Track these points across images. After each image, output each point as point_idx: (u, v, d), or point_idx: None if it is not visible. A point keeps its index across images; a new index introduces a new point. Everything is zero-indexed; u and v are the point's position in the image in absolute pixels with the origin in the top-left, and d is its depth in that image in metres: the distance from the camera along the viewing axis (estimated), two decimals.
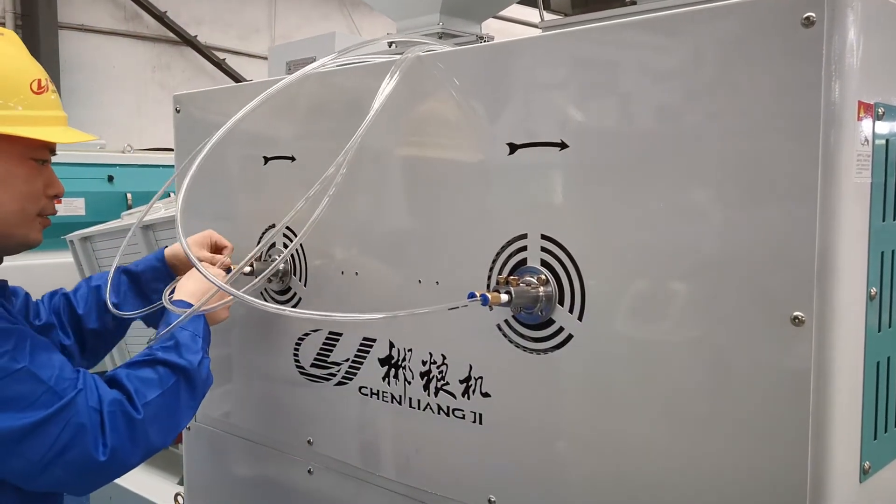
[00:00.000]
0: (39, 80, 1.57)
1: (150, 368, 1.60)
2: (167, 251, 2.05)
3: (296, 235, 1.97)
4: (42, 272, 4.47)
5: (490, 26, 2.35)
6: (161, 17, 10.27)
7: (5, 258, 1.66)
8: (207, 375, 1.70)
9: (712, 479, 1.30)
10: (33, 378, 1.43)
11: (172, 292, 1.81)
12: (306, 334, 1.98)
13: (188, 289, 1.80)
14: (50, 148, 1.62)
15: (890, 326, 1.31)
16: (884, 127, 1.24)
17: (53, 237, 4.33)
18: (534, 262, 1.50)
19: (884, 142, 1.25)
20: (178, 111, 2.32)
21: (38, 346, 1.49)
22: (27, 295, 1.90)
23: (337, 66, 1.79)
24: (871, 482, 1.29)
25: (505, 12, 2.60)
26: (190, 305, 1.74)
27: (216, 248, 2.05)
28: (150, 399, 1.55)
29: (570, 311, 1.45)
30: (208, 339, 1.76)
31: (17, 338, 1.45)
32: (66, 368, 1.50)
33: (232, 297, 1.64)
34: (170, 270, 2.03)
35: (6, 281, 1.70)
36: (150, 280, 2.02)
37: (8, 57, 1.57)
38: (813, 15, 1.14)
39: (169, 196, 4.11)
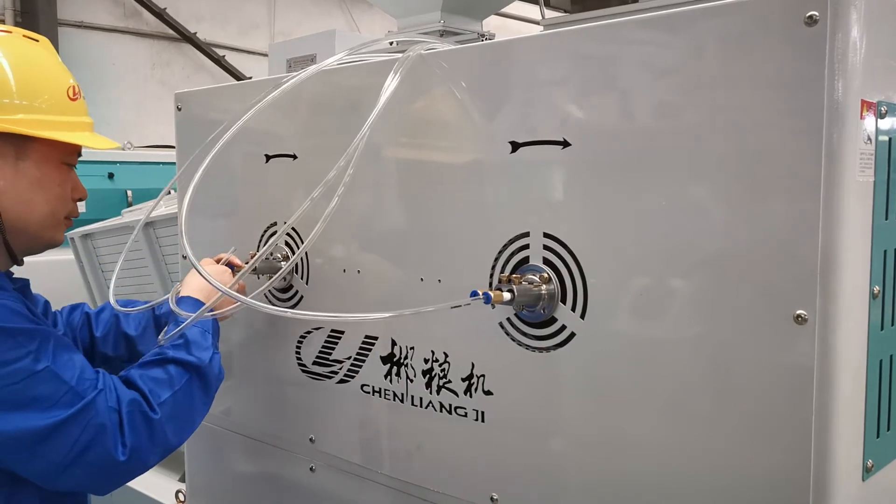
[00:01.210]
0: (74, 87, 1.64)
1: (162, 368, 1.61)
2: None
3: (297, 234, 1.98)
4: (42, 269, 4.46)
5: (490, 23, 2.35)
6: (160, 14, 10.26)
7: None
8: (219, 371, 1.71)
9: (715, 477, 1.30)
10: (56, 378, 1.45)
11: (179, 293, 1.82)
12: (308, 332, 1.98)
13: (194, 285, 1.81)
14: (78, 152, 1.67)
15: (893, 325, 1.31)
16: (886, 125, 1.24)
17: None
18: (536, 261, 1.50)
19: (886, 140, 1.25)
20: (179, 109, 2.32)
21: (60, 346, 1.50)
22: (47, 303, 1.92)
23: (344, 64, 1.79)
24: (873, 480, 1.29)
25: (505, 9, 2.60)
26: (196, 301, 1.74)
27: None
28: (165, 399, 1.56)
29: (573, 309, 1.45)
30: (217, 333, 1.77)
31: (40, 338, 1.46)
32: (87, 369, 1.51)
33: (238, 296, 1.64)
34: None
35: (28, 281, 1.71)
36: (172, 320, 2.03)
37: (48, 65, 1.63)
38: (816, 13, 1.14)
39: (169, 193, 4.11)
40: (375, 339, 1.81)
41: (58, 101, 1.59)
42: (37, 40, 1.65)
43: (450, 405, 1.67)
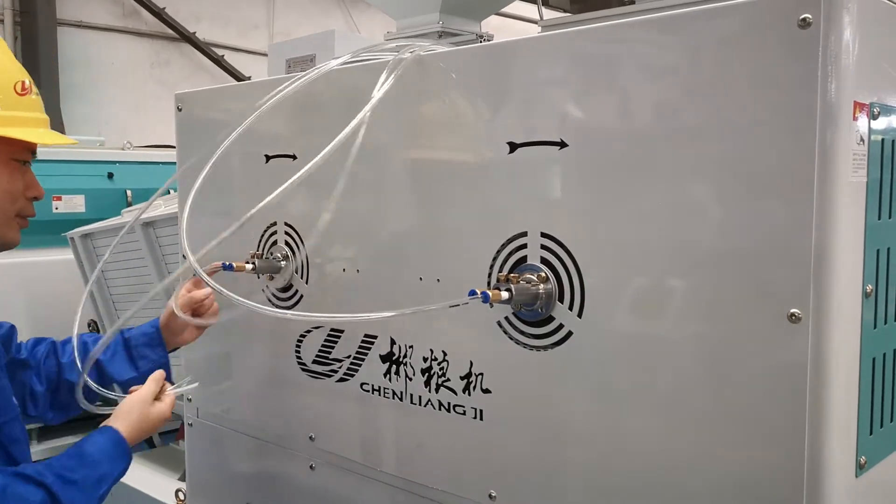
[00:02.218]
0: (23, 82, 1.60)
1: (30, 489, 1.48)
2: (161, 318, 1.99)
3: (297, 234, 1.99)
4: (43, 269, 4.48)
5: (489, 23, 2.36)
6: (159, 14, 10.24)
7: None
8: None
9: (710, 473, 1.32)
10: None
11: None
12: (308, 331, 1.99)
13: (128, 419, 1.67)
14: (31, 149, 1.64)
15: (885, 323, 1.33)
16: (879, 126, 1.25)
17: (54, 234, 4.33)
18: (534, 260, 1.51)
19: (879, 141, 1.27)
20: (179, 110, 2.33)
21: None
22: (12, 328, 1.88)
23: (347, 65, 1.80)
24: (866, 477, 1.31)
25: (505, 8, 2.61)
26: (114, 433, 1.64)
27: (194, 303, 1.95)
28: None
29: (570, 308, 1.47)
30: (125, 469, 1.65)
31: None
32: None
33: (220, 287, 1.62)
34: (162, 338, 1.98)
35: None
36: (141, 345, 1.96)
37: None
38: (809, 16, 1.15)
39: (169, 192, 4.11)
40: (375, 338, 1.83)
41: (4, 96, 1.55)
42: None
43: (448, 403, 1.68)
